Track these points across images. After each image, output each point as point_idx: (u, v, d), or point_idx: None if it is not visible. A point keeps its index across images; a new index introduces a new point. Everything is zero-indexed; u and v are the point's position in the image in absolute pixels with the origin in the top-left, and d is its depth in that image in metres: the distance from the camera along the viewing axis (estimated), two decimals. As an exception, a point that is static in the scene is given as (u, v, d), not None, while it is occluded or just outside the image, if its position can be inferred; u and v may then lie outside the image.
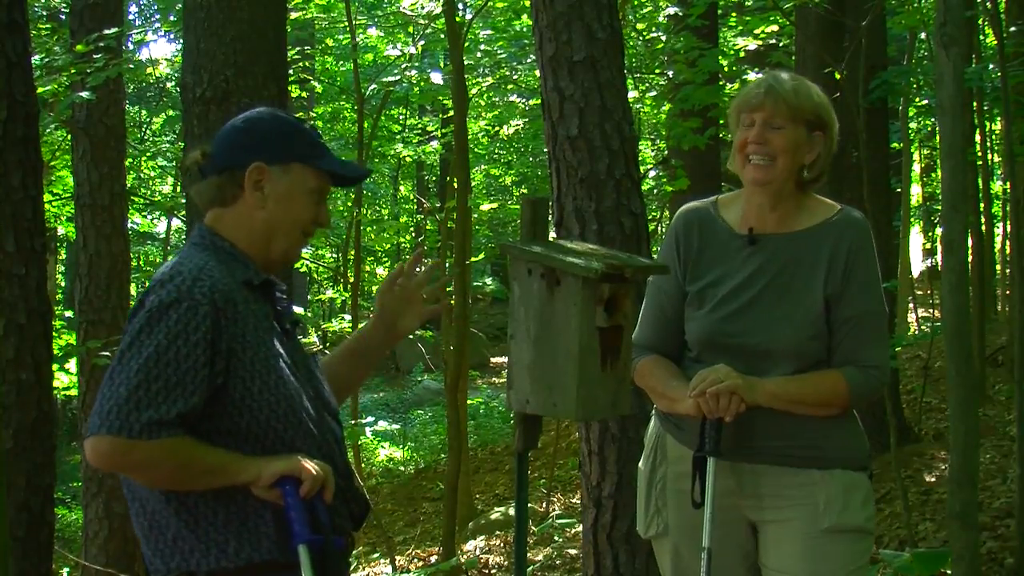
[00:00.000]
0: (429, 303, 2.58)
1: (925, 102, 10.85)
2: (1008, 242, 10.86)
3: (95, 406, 2.03)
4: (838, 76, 6.55)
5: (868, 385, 2.63)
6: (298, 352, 2.28)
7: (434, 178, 22.52)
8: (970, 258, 6.76)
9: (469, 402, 11.57)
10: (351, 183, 2.42)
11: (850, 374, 2.60)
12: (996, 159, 13.79)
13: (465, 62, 8.73)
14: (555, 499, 9.23)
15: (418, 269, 2.58)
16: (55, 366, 6.66)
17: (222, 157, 2.24)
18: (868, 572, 2.67)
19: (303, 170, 2.23)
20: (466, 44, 8.97)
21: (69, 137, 8.34)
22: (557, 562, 7.03)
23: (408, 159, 19.49)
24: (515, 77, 10.47)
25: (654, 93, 8.87)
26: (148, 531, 2.13)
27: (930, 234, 18.80)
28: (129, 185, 7.95)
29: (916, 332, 12.53)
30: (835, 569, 2.60)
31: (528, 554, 2.67)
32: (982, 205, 10.00)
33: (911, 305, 13.05)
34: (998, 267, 13.87)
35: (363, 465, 11.34)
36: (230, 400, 2.08)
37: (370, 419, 12.72)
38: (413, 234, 20.86)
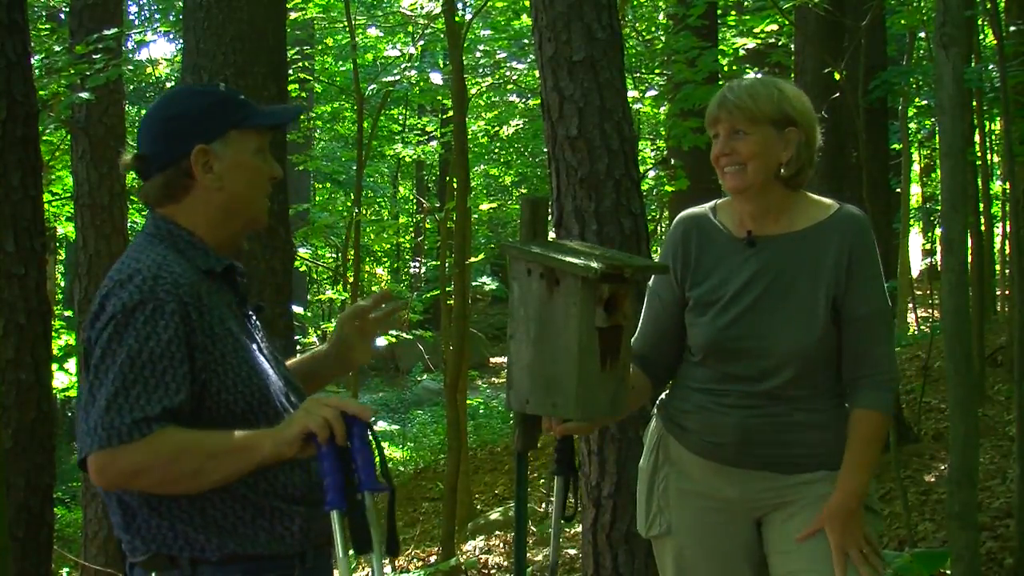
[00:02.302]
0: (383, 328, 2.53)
1: (925, 102, 10.87)
2: (1008, 242, 10.87)
3: (80, 426, 1.97)
4: (838, 76, 6.55)
5: (890, 396, 2.65)
6: (263, 336, 2.24)
7: (434, 178, 22.53)
8: (970, 258, 6.75)
9: (469, 402, 11.57)
10: (284, 126, 2.39)
11: (873, 401, 2.59)
12: (996, 159, 13.80)
13: (464, 62, 8.73)
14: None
15: (382, 306, 2.52)
16: (55, 366, 6.66)
17: (159, 154, 2.15)
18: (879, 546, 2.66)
19: (240, 135, 2.16)
20: (466, 44, 8.97)
21: (69, 137, 8.34)
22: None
23: (408, 159, 19.50)
24: (515, 77, 10.47)
25: (654, 93, 8.86)
26: (131, 520, 2.07)
27: (930, 234, 18.82)
28: (129, 185, 7.93)
29: (916, 332, 12.54)
30: None
31: (528, 554, 2.66)
32: (982, 205, 10.00)
33: (911, 305, 13.06)
34: (998, 267, 13.89)
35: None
36: (209, 396, 2.03)
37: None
38: (412, 234, 20.90)
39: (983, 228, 10.04)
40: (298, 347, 9.43)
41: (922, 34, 10.61)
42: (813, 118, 2.65)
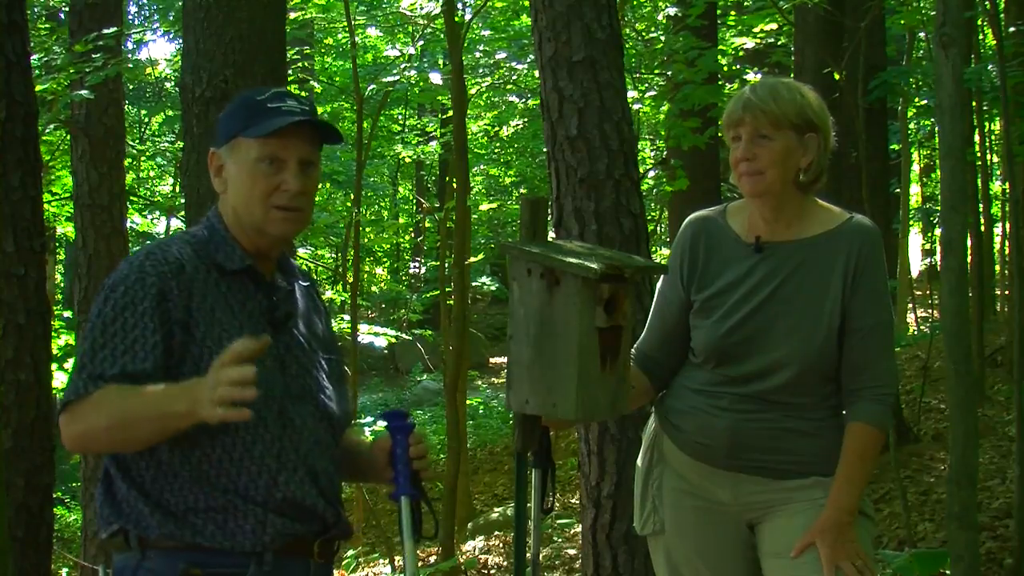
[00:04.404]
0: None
1: (924, 102, 10.85)
2: (1007, 242, 10.87)
3: None
4: (837, 76, 6.56)
5: (886, 411, 2.63)
6: (288, 346, 2.22)
7: (433, 178, 22.53)
8: (969, 259, 6.75)
9: (468, 402, 11.57)
10: (327, 138, 2.27)
11: (870, 415, 2.58)
12: (995, 159, 13.80)
13: (464, 62, 8.73)
14: (554, 498, 9.21)
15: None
16: (54, 366, 6.66)
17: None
18: (869, 551, 2.65)
19: (244, 143, 2.19)
20: (465, 44, 8.97)
21: (68, 137, 8.34)
22: (556, 562, 7.03)
23: (407, 159, 19.49)
24: (514, 77, 10.47)
25: (654, 93, 8.86)
26: (108, 484, 2.13)
27: (929, 235, 18.81)
28: (128, 185, 7.94)
29: (915, 332, 12.54)
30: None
31: (527, 554, 2.67)
32: (981, 205, 10.00)
33: (910, 305, 13.06)
34: (997, 267, 13.88)
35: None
36: (182, 375, 2.05)
37: (369, 419, 12.71)
38: (412, 234, 20.90)
39: (983, 228, 10.04)
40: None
41: (922, 34, 10.62)
42: (830, 123, 2.65)
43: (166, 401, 1.98)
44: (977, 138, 9.91)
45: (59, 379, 10.27)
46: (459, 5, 9.48)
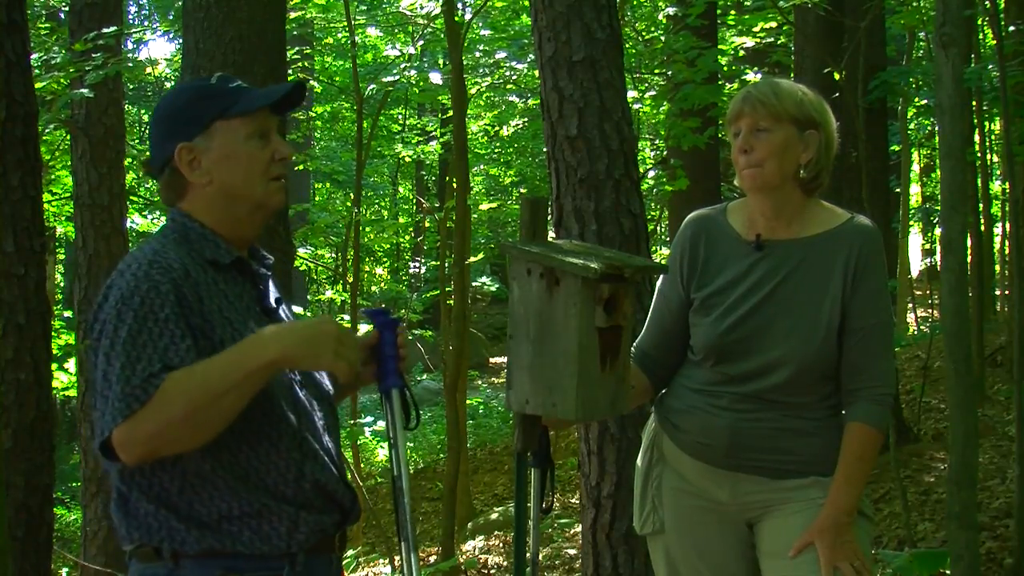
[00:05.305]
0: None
1: (924, 102, 10.86)
2: (1007, 242, 10.87)
3: (98, 412, 1.99)
4: (837, 76, 6.56)
5: (885, 411, 2.63)
6: None
7: (433, 178, 22.53)
8: (969, 258, 6.75)
9: (468, 402, 11.57)
10: (290, 104, 2.28)
11: (868, 415, 2.58)
12: (995, 159, 13.81)
13: (464, 62, 8.74)
14: (554, 498, 9.20)
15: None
16: (54, 366, 6.66)
17: (153, 159, 2.21)
18: (867, 551, 2.66)
19: (227, 124, 2.16)
20: (466, 44, 8.97)
21: (68, 137, 8.33)
22: (556, 562, 7.03)
23: (407, 159, 19.49)
24: (514, 77, 10.48)
25: (653, 93, 8.86)
26: (124, 503, 2.10)
27: (929, 234, 18.82)
28: (128, 185, 7.94)
29: (915, 332, 12.54)
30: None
31: (527, 554, 2.67)
32: (981, 205, 10.00)
33: (910, 305, 13.06)
34: (997, 267, 13.88)
35: (363, 465, 11.35)
36: None
37: (369, 419, 12.72)
38: (412, 234, 20.91)
39: (983, 228, 10.04)
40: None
41: (922, 34, 10.62)
42: (833, 124, 2.66)
43: (247, 358, 1.99)
44: (977, 138, 9.91)
45: (59, 379, 10.29)
46: (459, 5, 9.49)
